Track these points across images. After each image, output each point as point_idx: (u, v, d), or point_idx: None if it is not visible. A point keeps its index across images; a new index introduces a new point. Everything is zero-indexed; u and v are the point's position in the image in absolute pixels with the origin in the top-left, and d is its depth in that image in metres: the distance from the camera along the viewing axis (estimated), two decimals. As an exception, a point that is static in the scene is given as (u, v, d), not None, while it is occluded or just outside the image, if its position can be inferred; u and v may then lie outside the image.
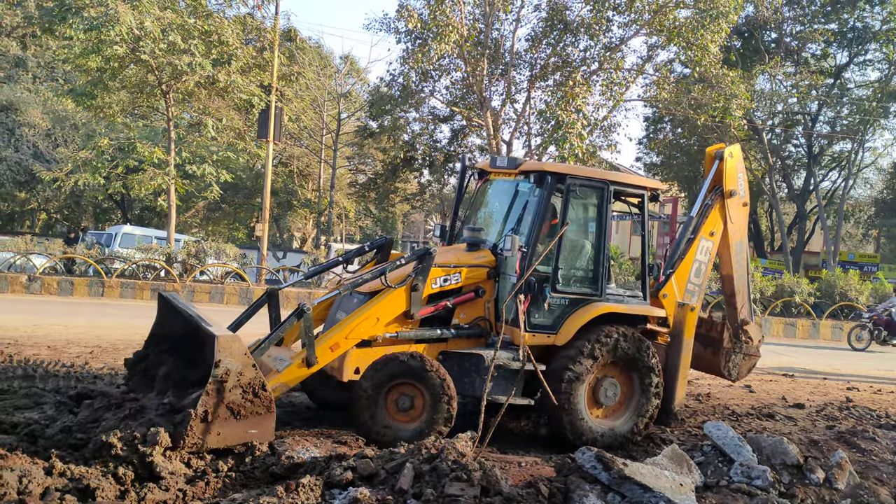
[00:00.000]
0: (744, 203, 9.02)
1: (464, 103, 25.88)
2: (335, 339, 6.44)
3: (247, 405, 5.42)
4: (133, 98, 22.38)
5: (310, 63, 32.57)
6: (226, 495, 4.71)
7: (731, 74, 22.73)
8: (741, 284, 9.16)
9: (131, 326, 13.37)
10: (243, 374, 5.40)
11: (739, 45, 34.32)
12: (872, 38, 33.56)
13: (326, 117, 34.57)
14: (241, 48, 20.97)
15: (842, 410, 10.24)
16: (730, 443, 5.82)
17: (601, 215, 7.53)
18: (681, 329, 7.97)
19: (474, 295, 7.21)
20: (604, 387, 7.30)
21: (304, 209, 40.22)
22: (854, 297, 23.91)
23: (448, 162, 30.80)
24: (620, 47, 23.82)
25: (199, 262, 20.93)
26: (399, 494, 4.60)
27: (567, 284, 7.36)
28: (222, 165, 23.95)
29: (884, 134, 38.01)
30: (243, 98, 21.25)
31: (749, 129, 30.45)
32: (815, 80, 32.55)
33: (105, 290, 19.11)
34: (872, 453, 6.72)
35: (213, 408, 5.27)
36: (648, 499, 4.80)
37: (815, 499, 5.44)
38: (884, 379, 14.05)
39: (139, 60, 19.52)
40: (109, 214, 38.98)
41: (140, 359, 7.05)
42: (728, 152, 8.80)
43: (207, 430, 5.23)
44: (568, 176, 7.27)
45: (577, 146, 20.63)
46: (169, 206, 21.98)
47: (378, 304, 6.63)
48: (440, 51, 21.22)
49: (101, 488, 4.52)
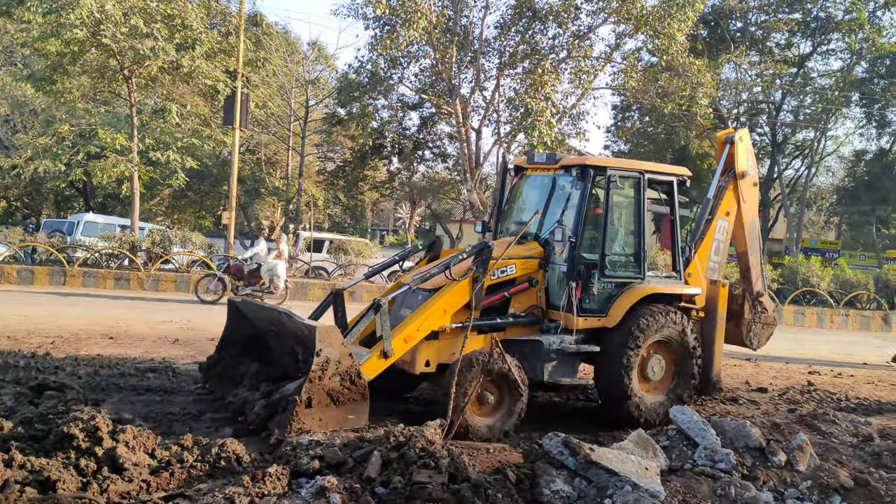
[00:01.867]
0: (754, 183, 9.56)
1: (433, 90, 25.77)
2: (407, 332, 6.74)
3: (345, 392, 5.79)
4: (94, 83, 21.90)
5: (277, 49, 32.14)
6: (191, 486, 4.65)
7: (697, 63, 22.92)
8: (755, 260, 9.69)
9: (94, 316, 13.17)
10: (341, 362, 5.79)
11: (706, 34, 34.65)
12: (835, 28, 34.12)
13: (294, 104, 34.20)
14: (206, 33, 20.62)
15: (803, 394, 10.46)
16: (694, 427, 5.90)
17: (639, 203, 7.94)
18: (715, 304, 8.65)
19: (528, 285, 7.64)
20: (651, 363, 7.80)
21: (272, 197, 39.83)
22: (816, 283, 24.36)
23: (417, 149, 30.67)
24: (589, 35, 23.86)
25: (164, 250, 20.62)
26: (367, 482, 4.59)
27: (613, 269, 7.83)
28: (187, 152, 23.55)
29: (845, 123, 38.79)
30: (208, 84, 20.92)
31: (715, 118, 30.78)
32: (779, 70, 33.02)
33: (67, 280, 18.76)
34: (832, 436, 6.86)
35: (315, 394, 5.63)
36: (614, 483, 4.85)
37: (776, 481, 5.53)
38: (844, 363, 14.35)
39: (100, 44, 19.10)
40: (72, 202, 38.22)
41: (214, 362, 7.64)
42: (738, 136, 9.33)
43: (311, 416, 5.58)
44: (608, 168, 7.74)
45: (545, 134, 20.67)
46: (132, 193, 21.60)
47: (444, 297, 6.94)
48: (409, 37, 21.07)
49: (62, 480, 4.43)
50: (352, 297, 20.22)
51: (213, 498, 4.29)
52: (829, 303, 24.18)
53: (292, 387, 5.86)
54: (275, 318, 6.84)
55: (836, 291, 25.01)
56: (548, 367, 7.29)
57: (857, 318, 23.69)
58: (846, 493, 5.39)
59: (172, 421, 6.59)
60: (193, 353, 10.39)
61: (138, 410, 6.73)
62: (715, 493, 5.16)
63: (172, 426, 6.40)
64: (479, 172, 25.53)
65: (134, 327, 12.32)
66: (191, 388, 8.08)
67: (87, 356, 9.41)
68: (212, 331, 12.54)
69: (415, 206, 44.46)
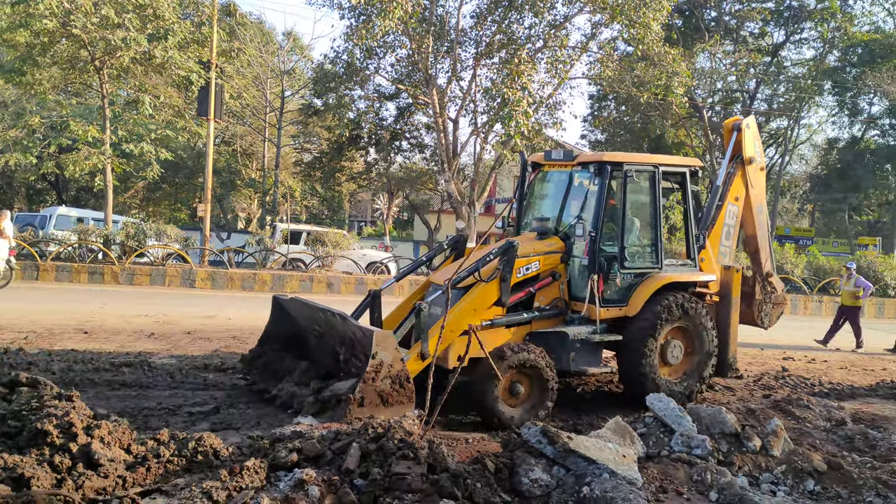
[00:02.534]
0: (761, 168, 9.87)
1: (409, 81, 25.64)
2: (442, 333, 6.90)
3: (394, 394, 6.11)
4: (65, 74, 21.55)
5: (251, 39, 31.84)
6: (168, 481, 4.61)
7: (672, 52, 23.01)
8: (764, 242, 9.99)
9: (67, 311, 13.00)
10: (393, 366, 6.12)
11: (681, 23, 34.81)
12: (808, 17, 34.45)
13: (270, 95, 33.92)
14: (179, 23, 20.34)
15: (778, 380, 10.60)
16: (671, 414, 5.95)
17: (654, 195, 8.22)
18: (729, 289, 8.92)
19: (551, 279, 7.94)
20: (670, 348, 8.14)
21: (249, 189, 39.51)
22: (790, 270, 24.66)
23: (394, 140, 30.54)
24: (565, 25, 23.86)
25: (139, 243, 20.39)
26: (346, 474, 4.57)
27: (632, 261, 8.15)
28: (161, 144, 23.25)
29: (818, 111, 39.22)
30: (181, 74, 20.67)
31: (690, 107, 30.98)
32: (753, 59, 33.27)
33: (40, 274, 18.50)
34: (806, 420, 6.96)
35: (368, 394, 5.97)
36: (592, 471, 4.88)
37: (751, 466, 5.61)
38: (817, 349, 14.55)
39: (70, 35, 18.79)
40: (44, 196, 37.70)
41: (256, 356, 8.00)
42: (745, 123, 9.61)
43: (362, 414, 5.84)
44: (625, 163, 7.99)
45: (522, 124, 20.66)
46: (106, 186, 21.31)
47: (474, 297, 7.29)
48: (384, 27, 20.92)
49: (36, 477, 4.37)
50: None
51: (191, 492, 4.25)
52: (803, 289, 24.50)
53: (346, 385, 6.24)
54: (321, 319, 7.32)
55: (810, 278, 25.35)
56: (574, 357, 7.59)
57: (831, 305, 24.00)
58: (820, 476, 5.47)
59: (148, 416, 6.54)
60: (169, 346, 10.29)
61: (113, 405, 6.66)
62: (691, 479, 5.21)
63: (149, 421, 6.36)
64: (457, 163, 25.47)
65: (108, 322, 12.18)
66: (166, 381, 8.02)
67: (60, 351, 9.29)
68: (188, 324, 12.45)
69: (392, 197, 44.27)
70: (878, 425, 7.41)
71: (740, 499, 4.84)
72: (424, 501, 4.36)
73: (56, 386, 5.86)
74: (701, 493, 5.03)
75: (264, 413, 6.90)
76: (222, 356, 9.68)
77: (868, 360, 13.26)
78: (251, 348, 8.34)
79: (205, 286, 19.58)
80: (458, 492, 4.51)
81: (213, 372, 8.72)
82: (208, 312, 14.20)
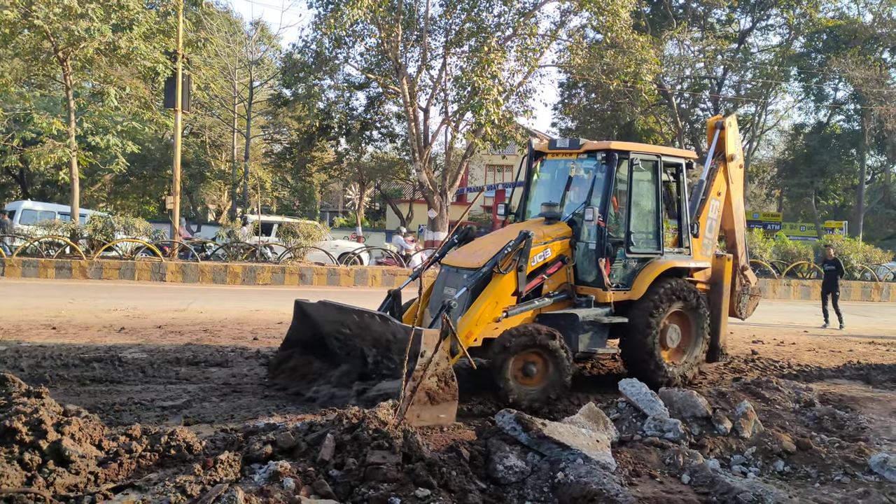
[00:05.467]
0: (740, 165, 10.16)
1: (379, 70, 25.52)
2: (468, 329, 7.24)
3: (440, 392, 6.15)
4: (27, 66, 21.16)
5: (218, 29, 31.47)
6: (141, 476, 4.56)
7: (641, 40, 23.16)
8: (741, 237, 10.38)
9: (35, 307, 12.80)
10: (440, 364, 6.16)
11: (649, 10, 35.02)
12: (774, 3, 34.80)
13: (238, 85, 33.57)
14: (143, 13, 20.02)
15: (747, 363, 10.76)
16: (643, 398, 6.02)
17: (656, 183, 8.48)
18: (720, 277, 9.25)
19: (561, 263, 8.14)
20: (669, 332, 8.44)
21: (218, 181, 39.11)
22: (759, 255, 25.01)
23: (365, 130, 30.39)
24: (534, 13, 23.90)
25: (107, 237, 20.10)
26: (321, 465, 4.56)
27: (637, 246, 8.36)
28: (128, 136, 22.90)
29: (785, 97, 39.73)
30: (147, 66, 20.35)
31: (659, 94, 31.22)
32: (720, 45, 33.57)
33: (6, 269, 18.17)
34: (776, 402, 7.07)
35: (417, 392, 5.93)
36: (566, 456, 4.92)
37: (723, 448, 5.69)
38: (786, 331, 14.80)
39: (32, 26, 18.43)
40: (8, 190, 36.97)
41: (283, 360, 8.09)
42: (728, 122, 9.93)
43: (412, 412, 5.81)
44: (631, 152, 8.25)
45: (493, 112, 20.68)
46: (71, 179, 20.96)
47: (495, 291, 7.47)
48: (353, 16, 20.80)
49: (5, 475, 4.30)
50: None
51: (164, 487, 4.22)
52: (772, 273, 24.87)
53: (393, 385, 6.32)
54: (352, 322, 7.42)
55: (779, 262, 25.73)
56: (583, 339, 7.78)
57: (799, 287, 24.44)
58: (789, 457, 5.57)
59: (120, 411, 6.46)
60: (140, 340, 10.17)
61: (84, 401, 6.57)
62: (664, 462, 5.27)
63: (120, 416, 6.28)
64: (428, 152, 25.42)
65: (77, 317, 12.01)
66: (138, 376, 7.93)
67: (29, 346, 9.15)
68: (158, 318, 12.31)
69: (364, 187, 44.10)
70: (845, 406, 7.56)
71: (712, 480, 4.91)
72: (400, 490, 4.36)
73: (24, 383, 5.77)
74: (673, 476, 5.09)
75: (237, 406, 6.86)
76: (194, 349, 9.59)
77: (835, 342, 13.51)
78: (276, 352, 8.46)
79: (175, 279, 19.37)
80: (433, 480, 4.52)
81: (185, 366, 8.64)
82: (179, 306, 14.06)
